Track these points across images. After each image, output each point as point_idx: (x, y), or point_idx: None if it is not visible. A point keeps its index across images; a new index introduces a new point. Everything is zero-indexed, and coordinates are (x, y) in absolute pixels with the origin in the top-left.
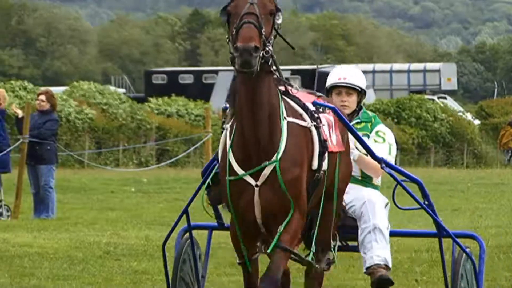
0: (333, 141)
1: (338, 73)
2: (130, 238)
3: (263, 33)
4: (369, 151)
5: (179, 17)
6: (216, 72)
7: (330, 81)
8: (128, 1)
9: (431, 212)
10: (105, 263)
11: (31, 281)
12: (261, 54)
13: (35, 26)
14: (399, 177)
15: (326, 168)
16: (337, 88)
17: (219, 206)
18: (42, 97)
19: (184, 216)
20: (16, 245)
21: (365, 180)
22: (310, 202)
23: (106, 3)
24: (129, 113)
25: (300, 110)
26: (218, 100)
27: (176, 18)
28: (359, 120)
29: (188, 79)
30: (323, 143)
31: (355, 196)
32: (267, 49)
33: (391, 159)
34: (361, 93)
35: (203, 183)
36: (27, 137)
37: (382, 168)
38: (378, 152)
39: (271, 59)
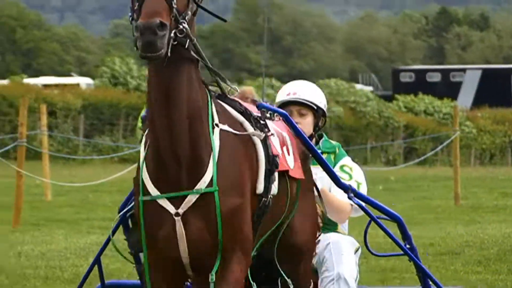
0: (289, 162)
1: (288, 88)
2: (377, 236)
3: (174, 5)
4: (333, 176)
5: (425, 15)
6: (463, 70)
7: (278, 98)
8: None
9: (415, 258)
10: None
11: None
12: (172, 34)
13: (281, 24)
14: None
15: (275, 192)
16: (286, 106)
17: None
18: None
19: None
20: None
21: (329, 228)
22: (256, 234)
23: (354, 1)
24: (376, 111)
25: (240, 117)
26: (466, 99)
27: (422, 15)
28: (319, 151)
29: (435, 77)
30: (271, 159)
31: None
32: (181, 27)
33: (360, 202)
34: (318, 113)
35: (118, 225)
36: None
37: (349, 198)
38: (342, 193)
39: (188, 41)
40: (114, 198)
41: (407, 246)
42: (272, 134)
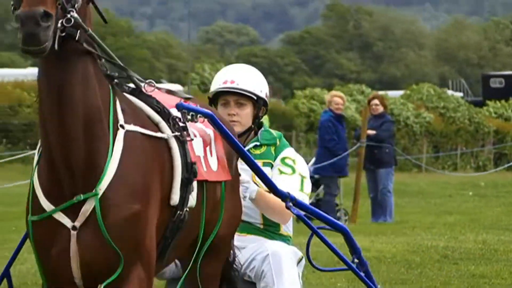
0: (212, 165)
1: (224, 75)
2: (467, 242)
3: None
4: (268, 182)
5: None
6: None
7: (213, 86)
8: (466, 4)
9: (361, 275)
10: (442, 267)
11: None
12: (59, 24)
13: (371, 30)
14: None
15: (193, 205)
16: (223, 96)
17: None
18: (376, 101)
19: None
20: None
21: (270, 230)
22: (168, 253)
23: (443, 7)
24: (467, 116)
25: (156, 117)
26: None
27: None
28: (257, 143)
29: None
30: (189, 167)
31: (255, 250)
32: (68, 16)
33: (304, 197)
34: (258, 103)
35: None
36: (364, 141)
37: (288, 207)
38: (285, 187)
39: (79, 32)
40: None
41: (356, 260)
42: (191, 140)
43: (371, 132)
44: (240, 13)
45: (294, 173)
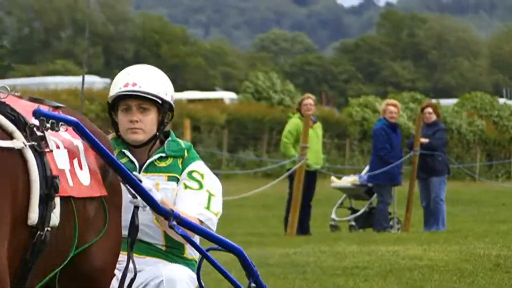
0: (82, 179)
1: (125, 77)
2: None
3: None
4: (148, 199)
5: None
6: None
7: (112, 90)
8: None
9: None
10: (495, 275)
11: None
12: None
13: (426, 38)
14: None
15: (56, 224)
16: (124, 101)
17: None
18: (429, 109)
19: None
20: (406, 258)
21: (172, 252)
22: (31, 278)
23: (497, 14)
24: None
25: (10, 126)
26: None
27: None
28: (163, 154)
29: None
30: (49, 181)
31: (150, 274)
32: None
33: (210, 217)
34: (164, 108)
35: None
36: (418, 150)
37: (171, 226)
38: (190, 205)
39: None
40: (258, 213)
41: (253, 285)
42: (51, 150)
43: (424, 140)
44: (295, 21)
45: (201, 188)
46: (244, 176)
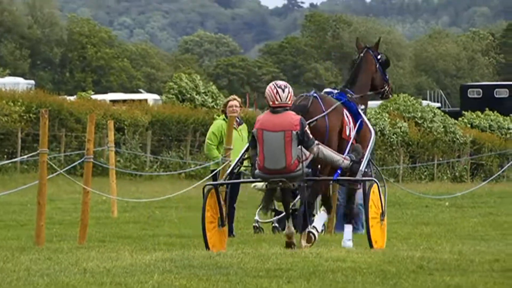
0: None
1: None
2: (443, 253)
3: None
4: None
5: (492, 32)
6: None
7: None
8: (445, 16)
9: None
10: (418, 277)
11: None
12: None
13: (350, 40)
14: None
15: None
16: None
17: None
18: None
19: None
20: (330, 260)
21: None
22: None
23: (423, 18)
24: (443, 127)
25: None
26: None
27: (489, 32)
28: None
29: (503, 94)
30: None
31: None
32: None
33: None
34: None
35: None
36: None
37: None
38: None
39: None
40: (181, 214)
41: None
42: None
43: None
44: (220, 23)
45: None
46: (168, 178)
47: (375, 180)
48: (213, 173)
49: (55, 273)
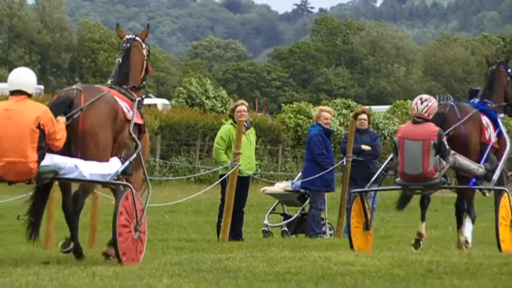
0: None
1: None
2: (452, 256)
3: None
4: None
5: (503, 36)
6: None
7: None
8: (455, 20)
9: None
10: (427, 281)
11: None
12: None
13: (360, 44)
14: None
15: None
16: None
17: None
18: (364, 115)
19: None
20: (339, 263)
21: None
22: None
23: (433, 23)
24: None
25: None
26: None
27: (500, 37)
28: None
29: None
30: None
31: None
32: None
33: None
34: None
35: None
36: (351, 156)
37: None
38: None
39: None
40: (190, 218)
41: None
42: None
43: (366, 147)
44: (229, 28)
45: None
46: (177, 182)
47: (506, 189)
48: (222, 178)
49: (64, 277)
